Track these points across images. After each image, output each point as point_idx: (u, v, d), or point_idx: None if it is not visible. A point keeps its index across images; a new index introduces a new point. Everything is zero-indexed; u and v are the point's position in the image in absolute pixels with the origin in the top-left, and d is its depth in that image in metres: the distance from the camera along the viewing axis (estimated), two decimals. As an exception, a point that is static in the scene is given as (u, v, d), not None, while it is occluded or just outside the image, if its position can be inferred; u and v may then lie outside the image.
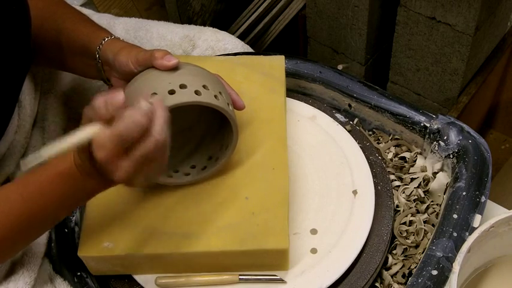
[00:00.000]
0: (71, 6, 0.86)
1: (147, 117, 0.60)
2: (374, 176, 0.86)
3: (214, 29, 1.05)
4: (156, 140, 0.60)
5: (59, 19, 0.82)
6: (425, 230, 0.84)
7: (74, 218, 0.85)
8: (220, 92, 0.72)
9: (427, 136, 0.90)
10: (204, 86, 0.70)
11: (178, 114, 0.70)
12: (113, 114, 0.59)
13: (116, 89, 0.62)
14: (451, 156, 0.87)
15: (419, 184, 0.89)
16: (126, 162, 0.60)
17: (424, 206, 0.87)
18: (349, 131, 0.92)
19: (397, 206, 0.87)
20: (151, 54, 0.71)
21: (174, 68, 0.71)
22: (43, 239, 0.81)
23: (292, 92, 0.98)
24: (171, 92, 0.68)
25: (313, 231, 0.80)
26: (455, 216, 0.79)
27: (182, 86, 0.68)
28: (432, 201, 0.89)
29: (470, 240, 0.72)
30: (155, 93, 0.67)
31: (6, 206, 0.65)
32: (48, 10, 0.83)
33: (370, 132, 0.97)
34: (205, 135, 0.83)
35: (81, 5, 1.26)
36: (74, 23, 0.82)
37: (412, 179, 0.90)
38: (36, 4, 0.78)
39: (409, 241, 0.84)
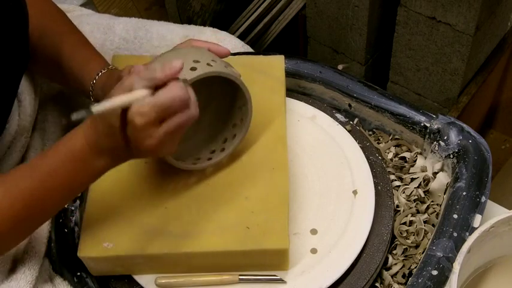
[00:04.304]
0: (67, 21, 0.86)
1: (188, 92, 0.63)
2: (374, 176, 0.86)
3: (214, 29, 1.05)
4: (193, 115, 0.64)
5: (57, 38, 0.83)
6: (425, 230, 0.84)
7: (74, 218, 0.85)
8: (212, 60, 0.72)
9: (427, 136, 0.90)
10: (195, 61, 0.70)
11: None
12: (169, 78, 0.62)
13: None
14: (451, 156, 0.87)
15: (420, 184, 0.89)
16: (160, 131, 0.62)
17: (424, 206, 0.87)
18: (349, 131, 0.92)
19: (397, 206, 0.87)
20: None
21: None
22: (44, 237, 0.80)
23: (292, 92, 0.98)
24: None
25: (313, 231, 0.80)
26: (455, 216, 0.79)
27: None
28: (432, 201, 0.89)
29: (470, 240, 0.72)
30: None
31: (17, 189, 0.65)
32: (46, 22, 0.82)
33: (370, 132, 0.97)
34: (215, 120, 0.83)
35: (81, 5, 1.26)
36: (70, 46, 0.83)
37: (412, 179, 0.90)
38: (33, 13, 0.77)
39: (409, 241, 0.84)
